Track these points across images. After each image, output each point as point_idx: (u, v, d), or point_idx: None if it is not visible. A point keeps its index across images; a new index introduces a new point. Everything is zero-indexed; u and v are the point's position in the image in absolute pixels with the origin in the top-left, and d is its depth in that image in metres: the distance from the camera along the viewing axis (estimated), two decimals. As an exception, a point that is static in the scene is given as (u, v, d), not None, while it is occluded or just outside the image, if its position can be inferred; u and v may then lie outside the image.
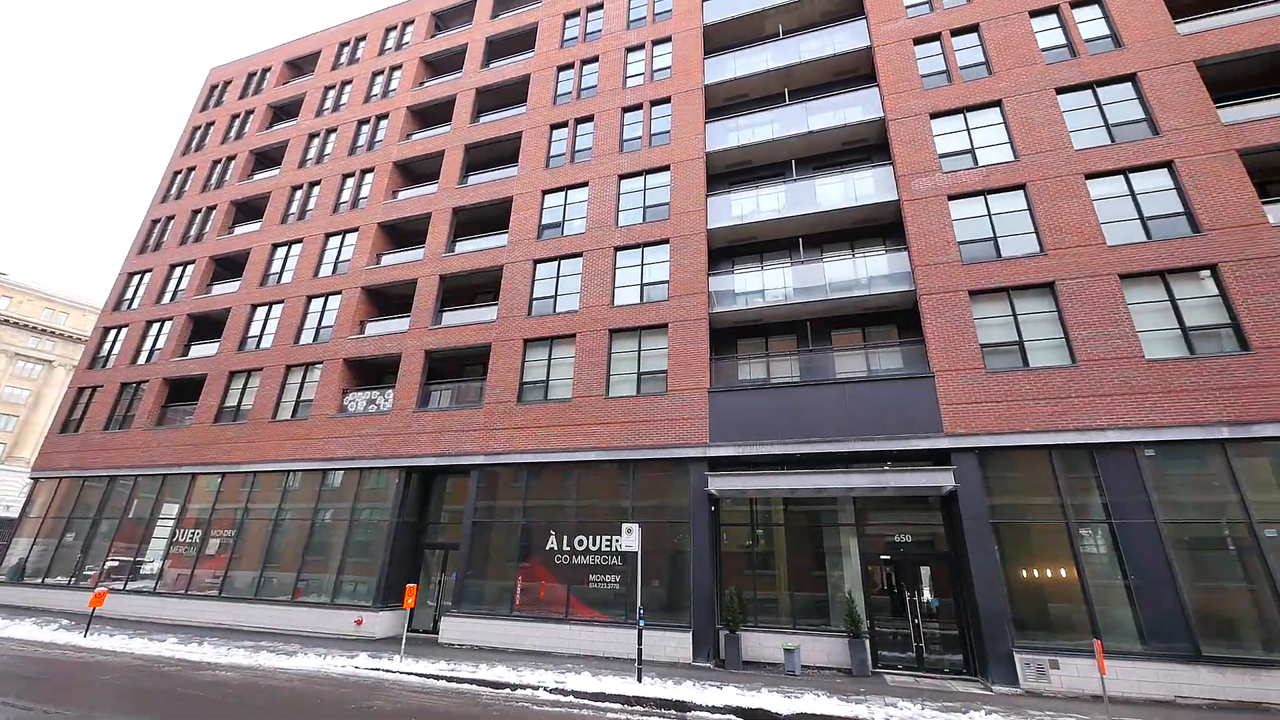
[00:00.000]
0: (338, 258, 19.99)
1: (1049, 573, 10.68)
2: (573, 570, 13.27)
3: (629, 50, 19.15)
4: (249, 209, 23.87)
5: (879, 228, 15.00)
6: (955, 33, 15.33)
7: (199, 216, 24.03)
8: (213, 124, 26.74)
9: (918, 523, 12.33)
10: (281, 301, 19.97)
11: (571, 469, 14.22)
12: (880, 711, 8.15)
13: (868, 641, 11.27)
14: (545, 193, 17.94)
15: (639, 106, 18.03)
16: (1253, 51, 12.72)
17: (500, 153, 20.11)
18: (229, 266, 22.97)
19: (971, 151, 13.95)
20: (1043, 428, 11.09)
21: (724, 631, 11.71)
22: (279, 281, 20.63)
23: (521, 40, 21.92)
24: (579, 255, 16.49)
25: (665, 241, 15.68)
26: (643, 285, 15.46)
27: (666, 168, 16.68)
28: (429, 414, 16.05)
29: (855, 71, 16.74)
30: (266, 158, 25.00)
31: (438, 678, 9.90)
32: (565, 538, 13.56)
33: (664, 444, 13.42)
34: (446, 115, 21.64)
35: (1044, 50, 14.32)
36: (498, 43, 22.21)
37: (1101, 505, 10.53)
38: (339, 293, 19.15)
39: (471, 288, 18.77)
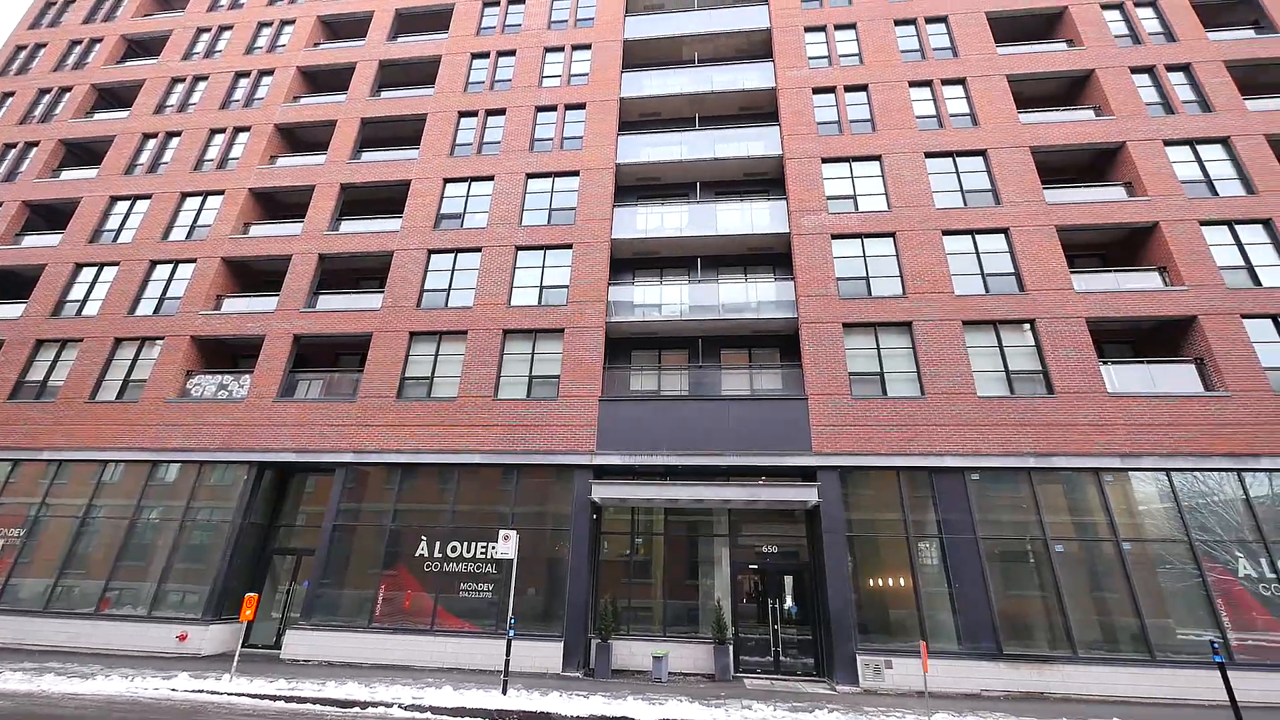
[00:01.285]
0: (195, 221, 17.61)
1: (891, 581, 11.89)
2: (443, 578, 12.60)
3: (548, 50, 18.93)
4: (83, 152, 20.38)
5: (770, 256, 16.00)
6: (848, 89, 16.87)
7: (14, 152, 20.08)
8: (44, 46, 22.55)
9: (785, 535, 13.18)
10: (117, 264, 17.18)
11: (451, 471, 13.55)
12: (737, 714, 8.55)
13: (732, 647, 11.81)
14: (447, 181, 17.13)
15: (553, 108, 17.85)
16: (1070, 146, 15.29)
17: (400, 132, 18.92)
18: (49, 216, 19.37)
19: (854, 197, 15.37)
20: (894, 451, 12.38)
21: (596, 640, 11.70)
22: (115, 240, 17.76)
23: (435, 20, 20.88)
24: (478, 250, 15.89)
25: (569, 246, 15.59)
26: (542, 287, 15.22)
27: (576, 173, 16.63)
28: (292, 405, 14.55)
29: (760, 109, 17.84)
30: (113, 96, 21.52)
31: (275, 698, 8.91)
32: (438, 544, 12.86)
33: (551, 449, 13.22)
34: (343, 83, 19.96)
35: (918, 117, 16.18)
36: (408, 17, 20.98)
37: (936, 522, 11.94)
38: (193, 261, 16.86)
39: (355, 271, 17.38)
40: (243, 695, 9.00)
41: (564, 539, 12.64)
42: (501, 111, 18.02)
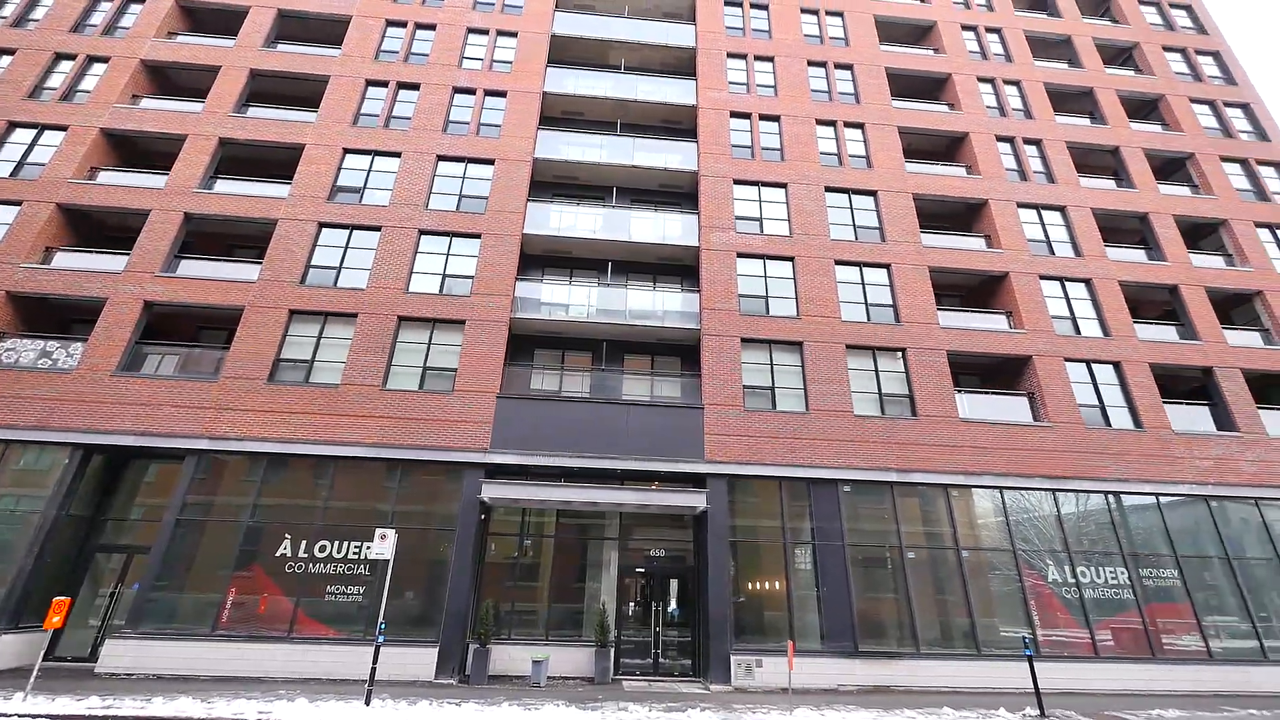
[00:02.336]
0: (24, 158, 14.93)
1: (767, 585, 12.58)
2: (307, 580, 11.55)
3: (471, 31, 18.21)
4: None
5: (679, 268, 16.45)
6: (763, 118, 17.80)
7: None
8: None
9: (673, 539, 13.51)
10: (-92, 196, 14.14)
11: (327, 464, 12.50)
12: (613, 716, 8.61)
13: (613, 650, 11.88)
14: (348, 151, 15.89)
15: (472, 91, 17.18)
16: (945, 197, 17.18)
17: (296, 91, 17.27)
18: None
19: (760, 220, 16.21)
20: (778, 462, 13.14)
21: (474, 646, 11.28)
22: (-91, 167, 14.62)
23: (348, -23, 19.35)
24: (377, 229, 14.87)
25: (477, 236, 15.03)
26: (445, 276, 14.54)
27: (491, 162, 16.11)
28: (136, 380, 12.71)
29: (680, 124, 18.33)
30: (-79, -6, 17.78)
31: (83, 719, 7.67)
32: (304, 543, 11.78)
33: (442, 445, 12.62)
34: (231, 27, 17.90)
35: (822, 154, 17.42)
36: (317, -31, 19.27)
37: (810, 529, 12.82)
38: (17, 203, 14.26)
39: (229, 237, 15.60)
40: (40, 716, 7.66)
41: (449, 540, 12.09)
42: (415, 86, 17.05)
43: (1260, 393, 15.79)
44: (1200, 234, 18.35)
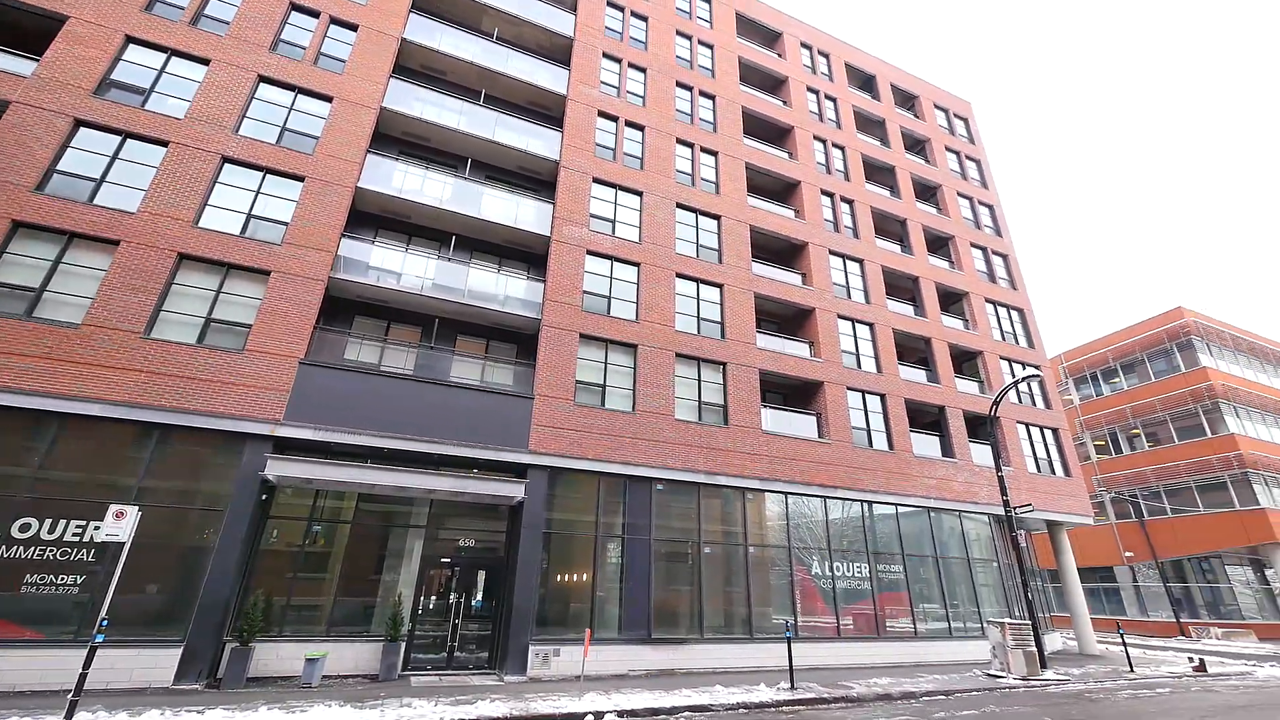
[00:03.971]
0: None
1: (574, 577, 12.86)
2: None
3: (322, -54, 15.92)
4: None
5: (527, 255, 16.13)
6: (628, 124, 18.26)
7: None
8: None
9: (485, 530, 13.16)
10: None
11: (49, 423, 9.92)
12: (393, 714, 8.08)
13: (404, 645, 11.17)
14: (133, 41, 12.87)
15: (316, 14, 15.04)
16: (775, 234, 19.26)
17: (65, -52, 13.55)
18: None
19: (613, 222, 16.60)
20: (600, 458, 13.53)
21: (232, 644, 9.79)
22: None
23: None
24: (164, 144, 12.24)
25: (300, 178, 13.16)
26: (251, 216, 12.47)
27: (329, 99, 14.24)
28: None
29: (546, 110, 18.01)
30: None
31: None
32: (-2, 519, 9.21)
33: (219, 411, 10.76)
34: None
35: (678, 171, 18.43)
36: None
37: (622, 524, 13.41)
38: None
39: (-76, 109, 11.65)
40: None
41: (215, 523, 10.34)
42: (239, -12, 14.42)
43: (972, 430, 20.26)
44: (950, 300, 23.01)
